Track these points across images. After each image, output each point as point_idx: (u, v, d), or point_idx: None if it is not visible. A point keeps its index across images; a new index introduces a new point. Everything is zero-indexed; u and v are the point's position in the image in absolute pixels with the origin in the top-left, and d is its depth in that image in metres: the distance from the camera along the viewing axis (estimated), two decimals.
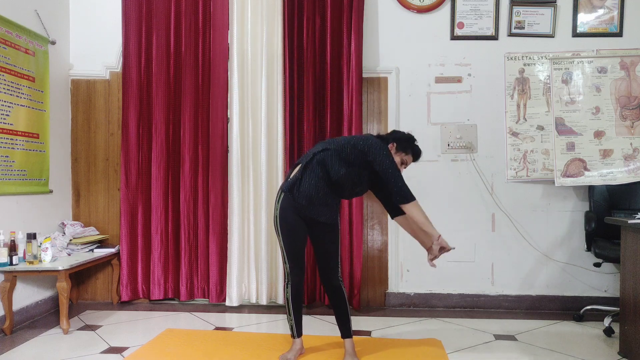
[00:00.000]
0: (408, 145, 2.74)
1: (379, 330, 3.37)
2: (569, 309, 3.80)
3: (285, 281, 2.74)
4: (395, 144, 2.71)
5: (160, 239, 4.01)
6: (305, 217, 2.67)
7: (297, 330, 2.77)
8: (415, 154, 2.77)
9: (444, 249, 2.64)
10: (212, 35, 4.00)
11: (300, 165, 2.68)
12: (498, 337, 3.23)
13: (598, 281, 3.87)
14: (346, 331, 2.76)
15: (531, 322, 3.56)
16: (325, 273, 2.76)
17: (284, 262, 2.72)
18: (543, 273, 3.92)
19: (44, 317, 3.67)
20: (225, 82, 3.99)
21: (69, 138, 4.17)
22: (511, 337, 3.22)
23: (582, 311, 3.61)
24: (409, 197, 2.59)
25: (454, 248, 2.68)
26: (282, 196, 2.67)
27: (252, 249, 3.96)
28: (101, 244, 4.04)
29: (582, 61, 3.66)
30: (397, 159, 2.69)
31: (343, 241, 3.80)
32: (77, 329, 3.39)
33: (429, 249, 2.71)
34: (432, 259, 2.68)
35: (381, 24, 4.03)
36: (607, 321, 3.26)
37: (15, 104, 3.50)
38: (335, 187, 2.64)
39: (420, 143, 3.88)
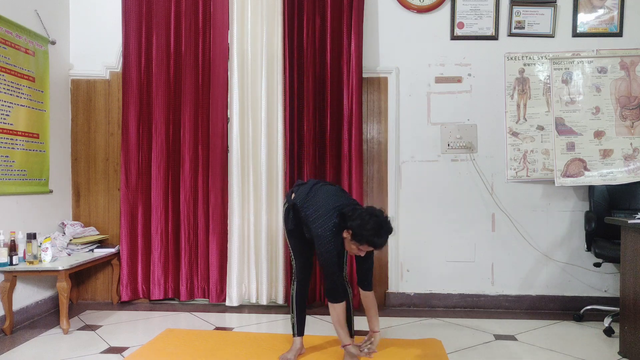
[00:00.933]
0: (363, 238, 2.45)
1: None
2: (569, 309, 3.80)
3: (291, 279, 2.79)
4: (350, 232, 2.48)
5: (160, 239, 4.01)
6: None
7: (298, 328, 2.78)
8: (372, 245, 2.48)
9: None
10: (212, 35, 4.00)
11: (294, 196, 2.70)
12: (498, 337, 3.23)
13: (598, 281, 3.87)
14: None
15: (531, 322, 3.56)
16: None
17: (291, 261, 2.79)
18: (543, 273, 3.91)
19: (44, 317, 3.67)
20: (225, 82, 3.99)
21: (69, 138, 4.17)
22: (511, 337, 3.22)
23: (582, 311, 3.61)
24: (333, 297, 2.55)
25: (366, 354, 2.71)
26: (286, 205, 2.74)
27: (252, 249, 3.96)
28: (101, 244, 4.04)
29: (582, 61, 3.66)
30: (352, 245, 2.52)
31: None
32: (77, 329, 3.39)
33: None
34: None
35: (381, 24, 4.03)
36: (607, 321, 3.26)
37: (15, 104, 3.50)
38: None
39: (420, 143, 3.98)
